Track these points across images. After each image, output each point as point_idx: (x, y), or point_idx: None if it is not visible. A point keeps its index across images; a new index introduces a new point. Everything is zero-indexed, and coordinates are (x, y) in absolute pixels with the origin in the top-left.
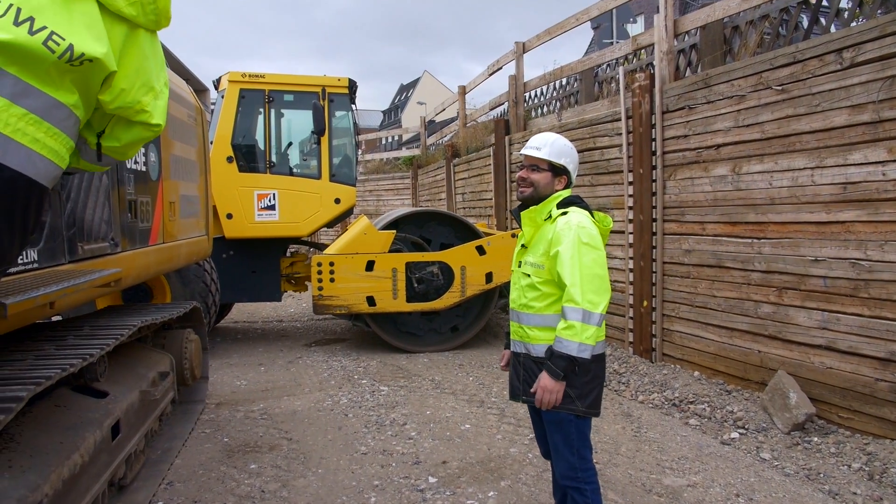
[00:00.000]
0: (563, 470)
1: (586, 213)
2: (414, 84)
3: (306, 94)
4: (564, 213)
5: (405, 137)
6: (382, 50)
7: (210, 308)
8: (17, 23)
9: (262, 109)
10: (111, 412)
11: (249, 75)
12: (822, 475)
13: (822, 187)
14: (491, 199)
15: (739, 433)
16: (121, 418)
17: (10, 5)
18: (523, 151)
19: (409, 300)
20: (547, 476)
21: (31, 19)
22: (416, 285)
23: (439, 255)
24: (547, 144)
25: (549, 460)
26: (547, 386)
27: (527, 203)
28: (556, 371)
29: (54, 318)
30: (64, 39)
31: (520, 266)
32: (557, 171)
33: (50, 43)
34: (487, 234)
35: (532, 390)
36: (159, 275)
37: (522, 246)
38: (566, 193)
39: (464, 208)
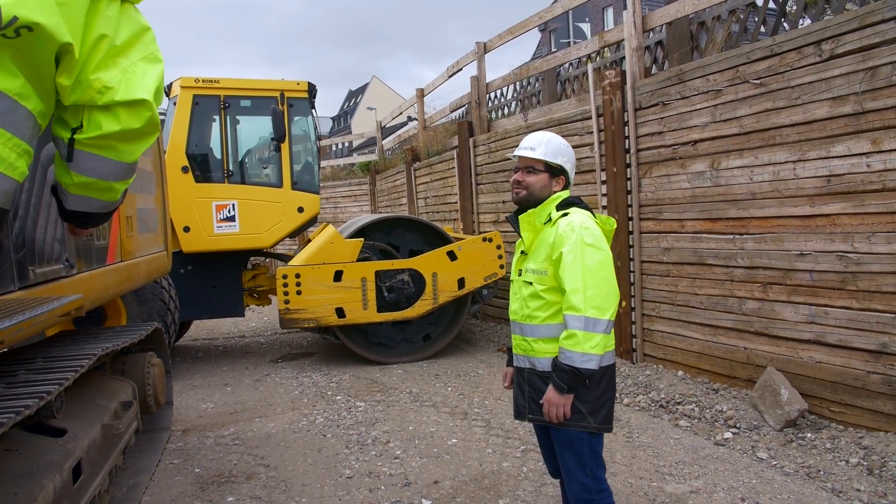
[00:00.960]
0: (576, 492)
1: (588, 213)
2: (363, 90)
3: (264, 98)
4: (565, 215)
5: (356, 143)
6: (332, 55)
7: (170, 327)
8: None
9: (217, 116)
10: (71, 452)
11: (203, 80)
12: (822, 472)
13: (805, 180)
14: (456, 202)
15: (732, 433)
16: (82, 458)
17: None
18: (517, 153)
19: (379, 310)
20: (546, 490)
21: None
22: (386, 294)
23: (409, 262)
24: (542, 144)
25: (559, 479)
26: (552, 399)
27: (523, 206)
28: (560, 385)
29: None
30: None
31: (520, 274)
32: (554, 171)
33: None
34: (457, 239)
35: (540, 402)
36: (119, 295)
37: (522, 253)
38: (565, 194)
39: (427, 213)
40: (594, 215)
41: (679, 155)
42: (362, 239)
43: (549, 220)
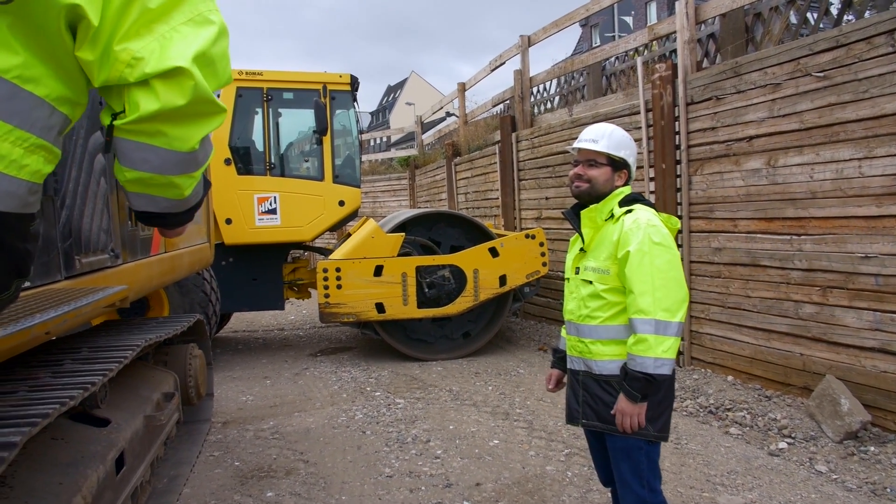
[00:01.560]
0: None
1: (653, 210)
2: (401, 85)
3: (306, 91)
4: (630, 211)
5: (394, 138)
6: (371, 50)
7: (211, 319)
8: None
9: (259, 109)
10: (114, 443)
11: (246, 73)
12: (888, 490)
13: (871, 179)
14: (497, 198)
15: (787, 443)
16: (125, 449)
17: None
18: (577, 145)
19: (419, 306)
20: (592, 497)
21: None
22: (426, 290)
23: (451, 258)
24: (604, 136)
25: (610, 488)
26: (624, 409)
27: (583, 201)
28: (633, 393)
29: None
30: None
31: (578, 272)
32: (617, 165)
33: None
34: (499, 236)
35: (612, 412)
36: (163, 286)
37: (581, 250)
38: (627, 190)
39: (467, 208)
40: (658, 213)
41: (733, 151)
42: (403, 234)
43: (612, 216)
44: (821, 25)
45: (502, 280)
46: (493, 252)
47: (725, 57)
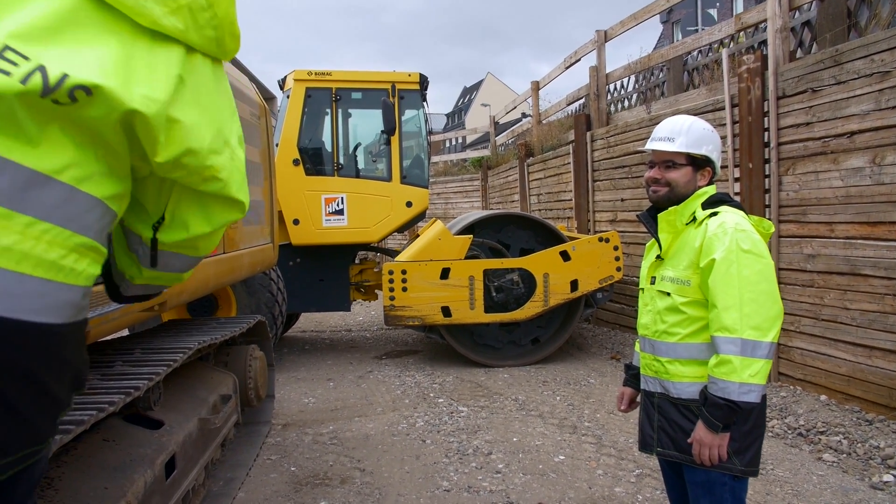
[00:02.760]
0: None
1: (742, 213)
2: (477, 86)
3: (375, 91)
4: (714, 214)
5: (469, 139)
6: (449, 52)
7: (276, 319)
8: None
9: (329, 109)
10: (165, 446)
11: (316, 73)
12: None
13: None
14: (570, 200)
15: (893, 475)
16: (176, 452)
17: None
18: (650, 146)
19: (487, 310)
20: None
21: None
22: (494, 294)
23: (520, 262)
24: (681, 133)
25: None
26: (703, 439)
27: (661, 206)
28: (712, 422)
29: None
30: (28, 59)
31: (653, 282)
32: (699, 163)
33: (4, 64)
34: (571, 238)
35: (689, 441)
36: (220, 287)
37: (658, 258)
38: (712, 190)
39: (539, 210)
40: (747, 216)
41: (831, 149)
42: (471, 236)
43: (694, 219)
44: None
45: (574, 285)
46: (565, 255)
47: (823, 46)
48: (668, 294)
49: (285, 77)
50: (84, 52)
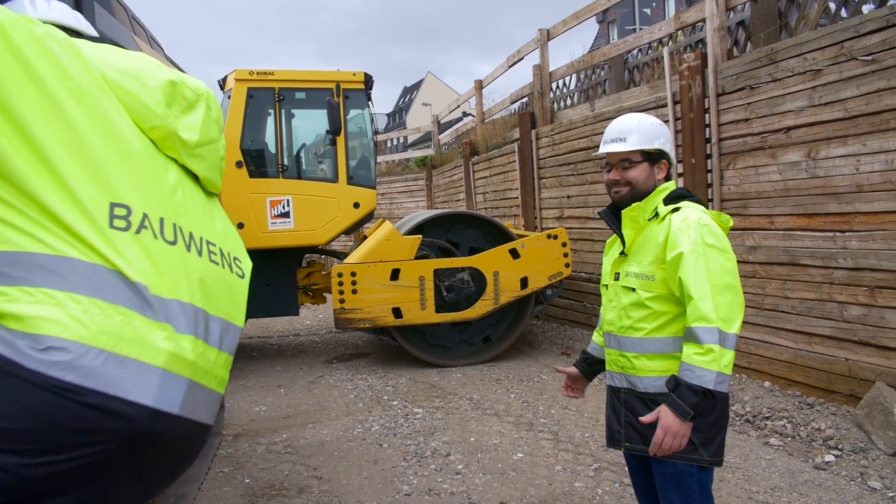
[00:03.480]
0: None
1: (702, 208)
2: (418, 86)
3: (319, 90)
4: (676, 209)
5: (411, 139)
6: (389, 52)
7: None
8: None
9: (271, 109)
10: None
11: (257, 73)
12: None
13: None
14: (517, 197)
15: (834, 455)
16: None
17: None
18: (605, 150)
19: (438, 310)
20: None
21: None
22: (445, 294)
23: (470, 261)
24: (632, 131)
25: None
26: (671, 427)
27: (624, 205)
28: (684, 408)
29: None
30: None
31: (617, 278)
32: (654, 157)
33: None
34: (520, 236)
35: (645, 421)
36: None
37: (622, 253)
38: (672, 186)
39: (486, 208)
40: (707, 211)
41: (769, 144)
42: (420, 236)
43: (656, 215)
44: (863, 8)
45: (524, 282)
46: (514, 253)
47: (757, 45)
48: (633, 289)
49: (226, 77)
50: (233, 241)
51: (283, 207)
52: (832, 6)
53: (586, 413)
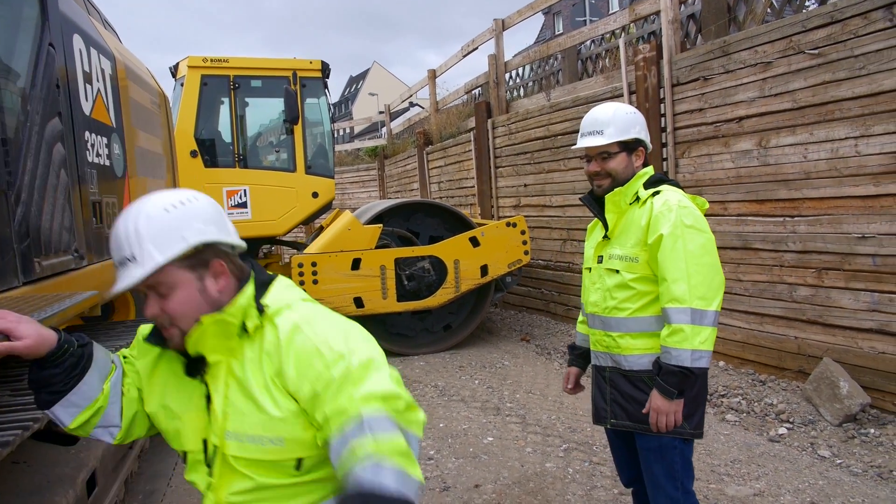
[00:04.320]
0: None
1: (681, 191)
2: (364, 75)
3: (276, 79)
4: (657, 193)
5: (357, 129)
6: (336, 40)
7: None
8: None
9: (226, 98)
10: (84, 463)
11: (211, 60)
12: (894, 473)
13: (868, 158)
14: (473, 186)
15: (787, 428)
16: (96, 468)
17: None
18: (583, 144)
19: (399, 299)
20: (597, 494)
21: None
22: (406, 283)
23: (431, 249)
24: (608, 124)
25: (633, 489)
26: (660, 406)
27: (603, 196)
28: (668, 389)
29: None
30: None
31: (601, 261)
32: (631, 146)
33: None
34: (480, 224)
35: (644, 411)
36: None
37: (605, 237)
38: (650, 171)
39: (441, 198)
40: (685, 194)
41: (722, 133)
42: (381, 225)
43: (637, 199)
44: (807, 4)
45: (484, 270)
46: (474, 241)
47: (708, 37)
48: (618, 271)
49: (177, 64)
50: None
51: (240, 198)
52: (775, 3)
53: (550, 397)
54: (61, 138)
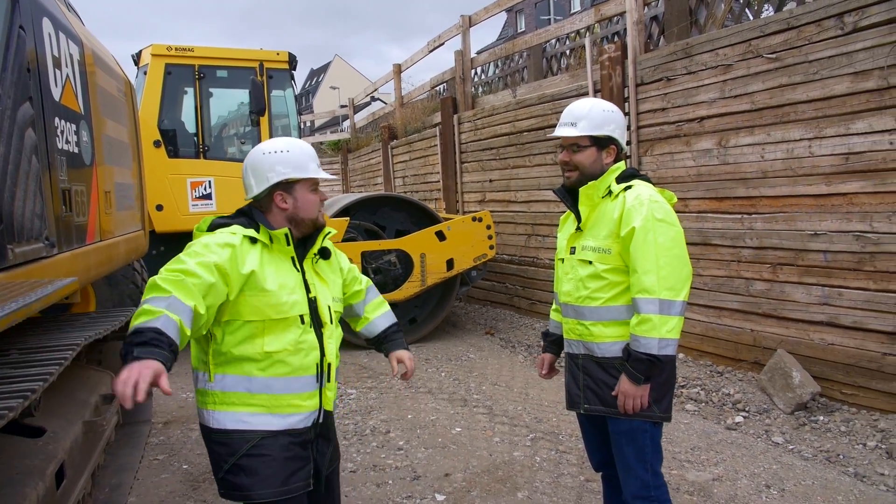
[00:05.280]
0: (633, 489)
1: (652, 186)
2: (325, 68)
3: (242, 69)
4: (629, 188)
5: (318, 123)
6: (296, 32)
7: None
8: None
9: (191, 87)
10: (53, 454)
11: (176, 49)
12: (841, 457)
13: (821, 158)
14: (438, 181)
15: (743, 417)
16: (65, 460)
17: None
18: (557, 132)
19: None
20: (564, 482)
21: None
22: (372, 276)
23: (397, 243)
24: (582, 117)
25: (602, 473)
26: (627, 391)
27: (575, 187)
28: (636, 375)
29: None
30: None
31: (573, 252)
32: (602, 142)
33: None
34: (446, 219)
35: (613, 394)
36: (97, 279)
37: (578, 229)
38: (623, 166)
39: (406, 192)
40: (656, 188)
41: (684, 132)
42: (348, 218)
43: (610, 193)
44: (764, 10)
45: (449, 264)
46: (441, 236)
47: (671, 39)
48: (591, 262)
49: (140, 52)
50: None
51: (205, 189)
52: (735, 8)
53: (515, 388)
54: (32, 123)
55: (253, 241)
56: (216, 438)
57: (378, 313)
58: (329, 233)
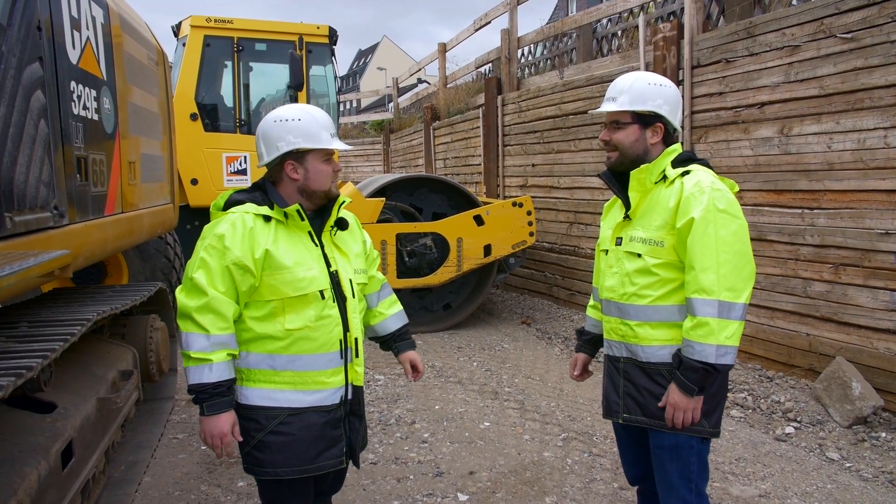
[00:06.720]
0: None
1: (713, 172)
2: (373, 49)
3: (281, 43)
4: (687, 173)
5: (364, 103)
6: (344, 12)
7: (173, 286)
8: None
9: (229, 61)
10: (61, 432)
11: (215, 20)
12: None
13: None
14: (479, 164)
15: (794, 427)
16: (73, 438)
17: None
18: (600, 108)
19: (399, 276)
20: (596, 488)
21: None
22: (407, 259)
23: (433, 226)
24: (623, 91)
25: (638, 487)
26: (678, 403)
27: (619, 171)
28: (689, 386)
29: None
30: None
31: (619, 243)
32: (647, 120)
33: None
34: (485, 203)
35: (660, 405)
36: (118, 251)
37: (626, 217)
38: (679, 149)
39: (446, 174)
40: (717, 176)
41: (742, 118)
42: (384, 199)
43: (664, 178)
44: None
45: (487, 250)
46: (479, 220)
47: (732, 18)
48: (640, 255)
49: (180, 23)
50: None
51: (241, 164)
52: None
53: (550, 383)
54: (42, 86)
55: (267, 218)
56: (244, 414)
57: (393, 311)
58: (344, 202)
